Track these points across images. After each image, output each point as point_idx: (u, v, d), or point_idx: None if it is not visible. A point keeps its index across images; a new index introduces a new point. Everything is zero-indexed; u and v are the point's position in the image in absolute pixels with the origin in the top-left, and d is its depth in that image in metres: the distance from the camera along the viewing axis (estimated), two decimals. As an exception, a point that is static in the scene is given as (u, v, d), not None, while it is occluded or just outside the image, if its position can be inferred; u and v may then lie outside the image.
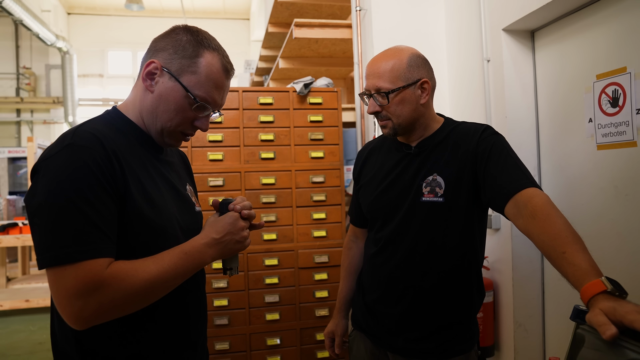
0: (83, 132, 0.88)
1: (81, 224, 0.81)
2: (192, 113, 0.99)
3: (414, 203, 1.27)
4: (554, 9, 1.71)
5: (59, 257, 0.79)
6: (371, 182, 1.40)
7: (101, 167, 0.85)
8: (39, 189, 0.83)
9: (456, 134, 1.30)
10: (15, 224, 4.32)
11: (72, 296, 0.79)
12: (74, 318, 0.80)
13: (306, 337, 2.42)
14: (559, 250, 0.93)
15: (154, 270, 0.86)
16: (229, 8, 10.81)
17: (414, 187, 1.28)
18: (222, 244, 0.96)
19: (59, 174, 0.82)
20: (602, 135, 1.60)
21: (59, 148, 0.85)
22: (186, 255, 0.91)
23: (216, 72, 0.98)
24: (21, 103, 9.98)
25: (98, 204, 0.83)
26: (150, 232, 0.93)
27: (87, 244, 0.80)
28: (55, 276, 0.80)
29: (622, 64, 1.52)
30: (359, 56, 2.60)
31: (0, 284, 4.77)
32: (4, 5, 7.08)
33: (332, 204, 2.48)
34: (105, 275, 0.81)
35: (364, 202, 1.43)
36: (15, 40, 10.22)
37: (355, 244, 1.57)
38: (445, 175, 1.25)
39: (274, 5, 3.29)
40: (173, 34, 0.99)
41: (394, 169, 1.35)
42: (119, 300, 0.82)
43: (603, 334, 0.72)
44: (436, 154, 1.29)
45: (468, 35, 2.23)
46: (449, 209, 1.24)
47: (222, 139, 2.37)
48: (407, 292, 1.29)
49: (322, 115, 2.50)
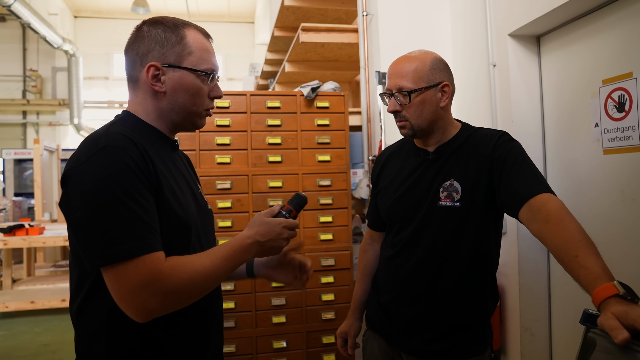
0: (114, 134, 0.91)
1: (132, 221, 0.84)
2: (206, 87, 1.04)
3: (431, 207, 1.30)
4: (560, 14, 1.72)
5: (118, 254, 0.82)
6: (390, 186, 1.43)
7: (139, 166, 0.88)
8: (80, 193, 0.85)
9: (473, 140, 1.32)
10: (21, 226, 4.35)
11: (136, 290, 0.82)
12: (140, 310, 0.83)
13: (312, 340, 2.43)
14: (572, 253, 0.94)
15: (209, 263, 0.90)
16: (234, 11, 10.87)
17: (432, 192, 1.30)
18: (263, 247, 1.00)
19: (100, 175, 0.84)
20: (609, 139, 1.60)
21: (93, 151, 0.87)
22: (235, 252, 0.95)
23: (203, 41, 1.04)
24: (27, 105, 10.05)
25: (143, 200, 0.86)
26: (179, 228, 0.96)
27: (142, 239, 0.84)
28: (116, 274, 0.83)
29: (628, 69, 1.53)
30: (365, 60, 2.62)
31: (5, 285, 4.80)
32: (12, 9, 7.14)
33: (338, 207, 2.49)
34: (165, 267, 0.85)
35: (382, 205, 1.45)
36: (23, 43, 10.31)
37: (371, 246, 1.59)
38: (462, 180, 1.27)
39: (280, 9, 3.31)
40: (145, 34, 1.01)
41: (412, 173, 1.37)
42: (181, 290, 0.86)
43: (615, 338, 0.73)
44: (454, 160, 1.31)
45: (474, 40, 2.25)
46: (466, 214, 1.27)
47: (229, 142, 2.39)
48: (422, 294, 1.31)
49: (329, 119, 2.51)
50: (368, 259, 1.58)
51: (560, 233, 0.99)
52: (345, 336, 1.53)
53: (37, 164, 6.00)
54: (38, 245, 4.32)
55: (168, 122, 1.04)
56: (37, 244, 4.27)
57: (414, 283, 1.32)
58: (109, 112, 10.57)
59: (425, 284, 1.31)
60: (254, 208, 2.39)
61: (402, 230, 1.36)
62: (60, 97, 10.20)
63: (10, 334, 4.04)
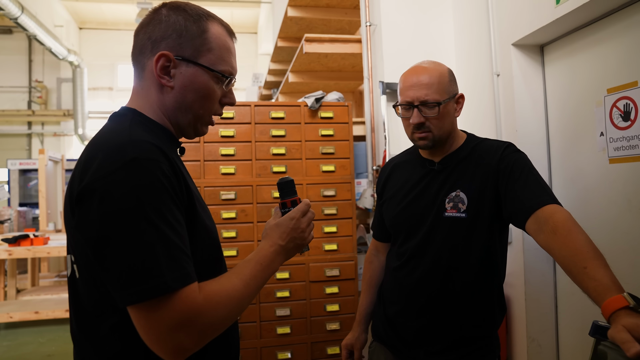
0: (142, 143, 0.77)
1: (167, 248, 0.72)
2: (219, 92, 0.92)
3: (437, 218, 1.30)
4: (563, 24, 1.73)
5: (156, 289, 0.70)
6: (395, 196, 1.43)
7: (171, 181, 0.78)
8: (105, 213, 0.72)
9: (479, 151, 1.33)
10: (26, 236, 4.36)
11: (172, 329, 0.71)
12: (175, 352, 0.73)
13: (317, 351, 2.41)
14: (580, 265, 0.93)
15: (240, 285, 0.82)
16: (237, 22, 10.96)
17: (437, 203, 1.31)
18: (287, 249, 0.93)
19: (130, 193, 0.72)
20: (614, 149, 1.60)
21: (119, 163, 0.74)
22: (261, 266, 0.88)
23: (225, 39, 0.92)
24: (32, 116, 10.13)
25: (176, 223, 0.76)
26: (211, 245, 0.91)
27: (179, 269, 0.73)
28: (148, 310, 0.71)
29: (633, 79, 1.53)
30: (369, 70, 2.63)
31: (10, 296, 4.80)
32: (19, 21, 7.24)
33: (343, 217, 2.49)
34: (200, 300, 0.74)
35: (387, 216, 1.45)
36: (29, 55, 10.43)
37: (376, 257, 1.58)
38: (468, 191, 1.28)
39: (284, 20, 3.34)
40: (163, 19, 0.88)
41: (418, 184, 1.37)
42: (218, 323, 0.79)
43: (627, 351, 0.72)
44: (460, 170, 1.32)
45: (477, 50, 2.26)
46: (472, 224, 1.26)
47: (234, 152, 2.39)
48: (428, 305, 1.30)
49: (333, 130, 2.52)
50: (373, 269, 1.57)
51: (568, 244, 0.99)
52: (351, 348, 1.51)
53: (41, 174, 6.03)
54: (42, 256, 4.33)
55: (173, 123, 0.92)
56: (41, 254, 4.28)
57: (420, 294, 1.32)
58: (113, 122, 10.63)
59: (432, 295, 1.30)
60: (258, 218, 2.39)
61: (408, 241, 1.36)
62: (65, 108, 10.29)
63: (15, 344, 4.04)
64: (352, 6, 3.22)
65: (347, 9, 3.27)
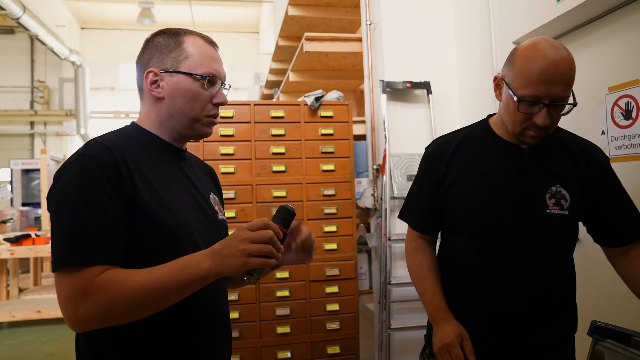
0: (94, 143, 0.93)
1: (81, 232, 0.85)
2: (206, 93, 1.02)
3: (535, 214, 1.16)
4: (564, 22, 1.72)
5: (58, 261, 0.84)
6: (471, 187, 1.22)
7: (107, 175, 0.89)
8: (53, 198, 0.89)
9: (569, 144, 1.22)
10: (28, 235, 4.37)
11: (65, 300, 0.83)
12: (68, 321, 0.84)
13: (317, 351, 2.41)
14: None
15: (144, 279, 0.84)
16: (239, 21, 10.97)
17: (537, 197, 1.16)
18: (219, 256, 0.85)
19: (69, 183, 0.88)
20: (616, 147, 1.59)
21: (73, 158, 0.91)
22: (182, 264, 0.85)
23: (203, 46, 1.04)
24: (35, 116, 10.17)
25: (101, 212, 0.86)
26: (162, 236, 0.93)
27: (83, 250, 0.84)
28: (57, 279, 0.86)
29: (635, 77, 1.52)
30: (370, 69, 2.62)
31: (12, 295, 4.82)
32: (21, 22, 7.26)
33: (343, 216, 2.48)
34: (95, 282, 0.83)
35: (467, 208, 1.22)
36: (31, 55, 10.46)
37: (428, 246, 1.37)
38: (568, 187, 1.16)
39: (285, 19, 3.34)
40: (149, 43, 1.05)
41: (505, 172, 1.19)
42: (106, 306, 0.83)
43: None
44: (552, 162, 1.19)
45: (478, 48, 2.24)
46: (572, 223, 1.17)
47: (233, 152, 2.39)
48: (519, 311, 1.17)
49: (333, 129, 2.51)
50: (431, 256, 1.34)
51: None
52: (461, 341, 1.18)
53: (44, 174, 6.05)
54: (44, 255, 4.34)
55: (170, 130, 1.04)
56: (43, 254, 4.29)
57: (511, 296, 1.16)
58: (115, 122, 10.68)
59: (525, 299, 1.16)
60: (258, 218, 2.38)
61: (492, 237, 1.19)
62: (67, 108, 10.32)
63: (17, 343, 4.05)
64: (352, 5, 3.21)
65: (347, 8, 3.26)
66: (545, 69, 1.04)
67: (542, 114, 1.07)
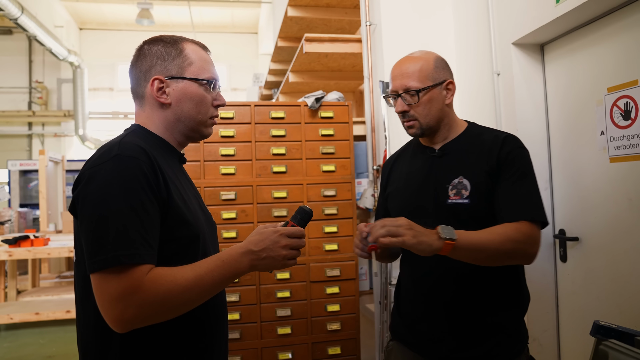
0: (127, 144, 0.94)
1: (127, 232, 0.85)
2: (209, 96, 1.09)
3: (440, 205, 1.29)
4: (564, 23, 1.73)
5: (105, 261, 0.83)
6: (398, 187, 1.43)
7: (147, 176, 0.91)
8: (88, 198, 0.88)
9: (481, 139, 1.33)
10: (26, 237, 4.35)
11: (114, 299, 0.83)
12: (116, 321, 0.84)
13: (318, 352, 2.41)
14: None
15: (192, 276, 0.89)
16: (238, 22, 10.96)
17: (440, 190, 1.30)
18: (258, 258, 0.96)
19: (108, 183, 0.88)
20: (615, 147, 1.60)
21: (105, 158, 0.91)
22: (222, 263, 0.93)
23: (201, 52, 1.10)
24: (33, 116, 10.14)
25: (143, 212, 0.88)
26: (190, 236, 0.98)
27: (132, 249, 0.85)
28: (100, 280, 0.84)
29: (634, 77, 1.52)
30: (369, 70, 2.63)
31: (10, 297, 4.80)
32: (19, 22, 7.24)
33: (343, 217, 2.48)
34: (145, 280, 0.85)
35: (393, 207, 1.43)
36: (29, 55, 10.43)
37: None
38: (471, 177, 1.28)
39: (284, 20, 3.34)
40: (147, 52, 1.07)
41: (420, 172, 1.37)
42: (158, 304, 0.86)
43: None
44: (461, 157, 1.32)
45: (478, 49, 2.25)
46: (475, 211, 1.26)
47: (234, 153, 2.39)
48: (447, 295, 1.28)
49: (333, 129, 2.52)
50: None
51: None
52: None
53: (42, 175, 6.03)
54: (43, 257, 4.33)
55: (176, 133, 1.08)
56: (42, 255, 4.27)
57: (438, 291, 1.29)
58: (113, 122, 10.66)
59: (450, 285, 1.28)
60: (258, 219, 2.39)
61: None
62: (66, 109, 10.29)
63: (15, 345, 4.03)
64: (352, 6, 3.21)
65: (347, 9, 3.26)
66: (394, 69, 1.35)
67: (397, 102, 1.33)
